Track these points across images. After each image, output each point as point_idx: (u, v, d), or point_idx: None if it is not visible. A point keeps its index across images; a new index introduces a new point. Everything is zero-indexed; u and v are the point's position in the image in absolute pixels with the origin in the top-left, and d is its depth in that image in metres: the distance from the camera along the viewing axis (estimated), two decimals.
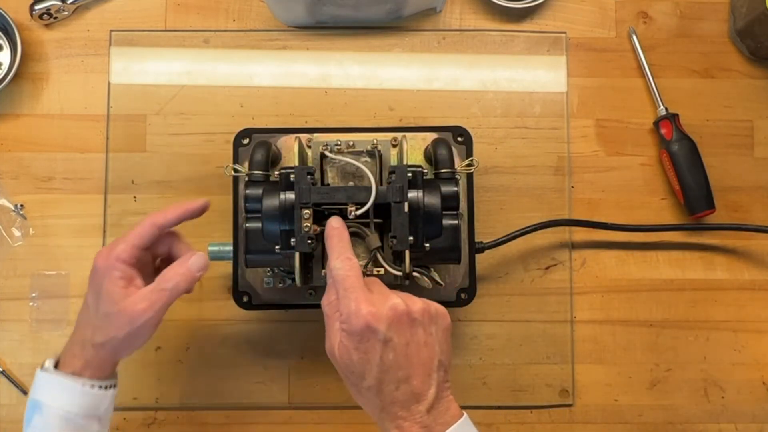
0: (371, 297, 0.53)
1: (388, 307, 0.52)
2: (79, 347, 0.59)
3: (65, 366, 0.59)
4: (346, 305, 0.53)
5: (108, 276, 0.59)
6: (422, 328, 0.53)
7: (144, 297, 0.58)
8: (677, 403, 0.76)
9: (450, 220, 0.63)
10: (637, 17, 0.79)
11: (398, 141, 0.65)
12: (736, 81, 0.79)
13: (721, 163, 0.78)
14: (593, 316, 0.76)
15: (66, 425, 0.58)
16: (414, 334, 0.53)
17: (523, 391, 0.75)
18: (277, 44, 0.78)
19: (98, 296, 0.59)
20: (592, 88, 0.78)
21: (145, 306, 0.58)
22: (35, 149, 0.77)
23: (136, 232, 0.60)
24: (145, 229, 0.61)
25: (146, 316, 0.58)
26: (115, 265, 0.59)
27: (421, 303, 0.54)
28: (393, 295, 0.53)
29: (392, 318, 0.52)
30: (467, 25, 0.79)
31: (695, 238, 0.77)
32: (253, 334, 0.75)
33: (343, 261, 0.55)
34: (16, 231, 0.76)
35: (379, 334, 0.51)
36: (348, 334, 0.52)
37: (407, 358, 0.52)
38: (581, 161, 0.77)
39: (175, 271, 0.60)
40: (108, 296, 0.58)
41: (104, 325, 0.58)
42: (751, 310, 0.77)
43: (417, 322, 0.53)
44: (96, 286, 0.59)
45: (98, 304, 0.59)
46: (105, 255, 0.60)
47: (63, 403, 0.58)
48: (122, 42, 0.78)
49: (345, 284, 0.54)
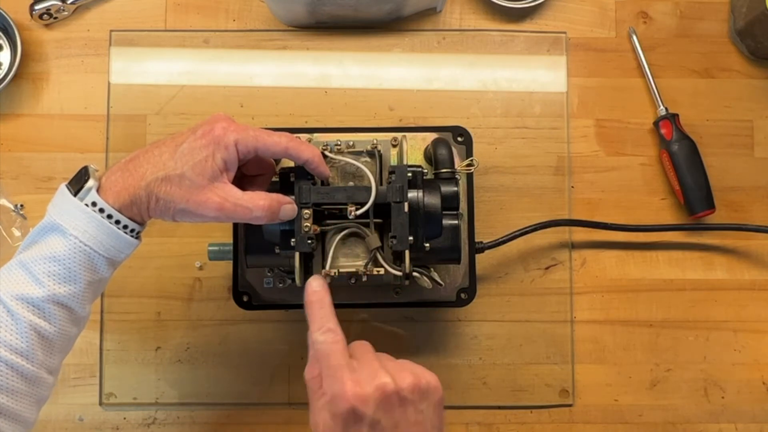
0: (357, 376, 0.50)
1: (375, 387, 0.49)
2: (134, 183, 0.53)
3: (109, 195, 0.53)
4: (330, 385, 0.50)
5: (219, 150, 0.53)
6: (413, 407, 0.50)
7: (225, 197, 0.53)
8: (677, 403, 0.76)
9: (450, 220, 0.63)
10: (637, 17, 0.79)
11: (398, 141, 0.65)
12: (736, 81, 0.79)
13: (721, 163, 0.78)
14: (593, 316, 0.76)
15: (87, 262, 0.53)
16: (404, 414, 0.50)
17: (523, 391, 0.75)
18: (277, 44, 0.78)
19: (193, 156, 0.53)
20: (592, 88, 0.78)
21: (218, 205, 0.53)
22: (35, 149, 0.77)
23: (271, 140, 0.55)
24: (278, 146, 0.55)
25: (211, 214, 0.53)
26: (232, 148, 0.54)
27: (411, 378, 0.50)
28: (381, 372, 0.50)
29: (380, 399, 0.49)
30: (467, 25, 0.79)
31: (695, 238, 0.77)
32: (253, 334, 0.75)
33: (326, 333, 0.52)
34: (16, 231, 0.76)
35: (366, 418, 0.49)
36: (332, 415, 0.49)
37: None
38: (581, 161, 0.77)
39: (268, 203, 0.55)
40: (202, 166, 0.53)
41: (175, 184, 0.53)
42: (751, 310, 0.77)
43: (407, 401, 0.50)
44: (198, 147, 0.53)
45: (186, 163, 0.53)
46: (231, 130, 0.54)
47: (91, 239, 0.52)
48: (122, 42, 0.78)
49: (329, 362, 0.51)
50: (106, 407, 0.74)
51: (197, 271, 0.75)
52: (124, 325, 0.74)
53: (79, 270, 0.53)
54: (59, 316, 0.53)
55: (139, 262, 0.75)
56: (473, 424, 0.75)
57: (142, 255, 0.74)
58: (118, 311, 0.75)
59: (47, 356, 0.53)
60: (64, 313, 0.53)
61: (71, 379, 0.74)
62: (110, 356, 0.74)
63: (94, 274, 0.54)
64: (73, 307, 0.53)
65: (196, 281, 0.75)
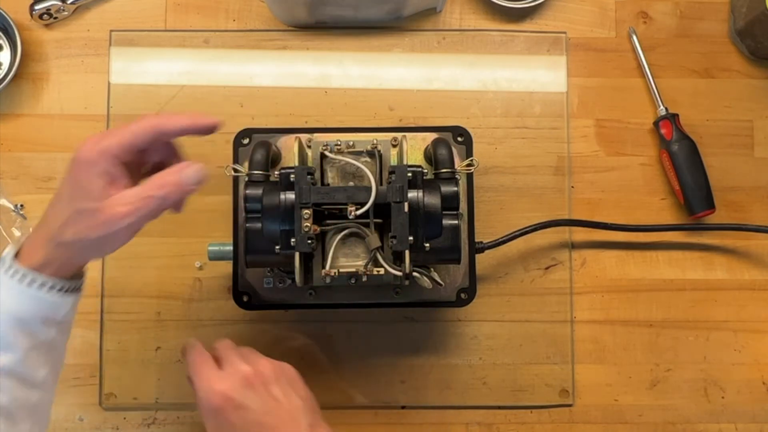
0: (220, 373, 0.56)
1: (237, 375, 0.56)
2: (43, 241, 0.52)
3: (25, 258, 0.52)
4: (199, 386, 0.56)
5: (90, 169, 0.51)
6: (276, 385, 0.56)
7: (127, 200, 0.51)
8: (677, 403, 0.76)
9: (450, 220, 0.63)
10: (637, 17, 0.79)
11: (398, 141, 0.65)
12: (736, 81, 0.79)
13: (721, 163, 0.78)
14: (593, 316, 0.76)
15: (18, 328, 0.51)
16: (268, 392, 0.56)
17: (523, 391, 0.75)
18: (277, 44, 0.78)
19: (75, 189, 0.52)
20: (592, 88, 0.78)
21: (126, 210, 0.51)
22: (35, 149, 0.77)
23: (133, 129, 0.52)
24: (143, 130, 0.53)
25: (126, 221, 0.51)
26: (101, 159, 0.51)
27: (267, 362, 0.58)
28: (239, 362, 0.57)
29: (243, 385, 0.55)
30: (467, 25, 0.79)
31: (695, 238, 0.77)
32: (253, 334, 0.75)
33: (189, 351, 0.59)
34: (16, 231, 0.76)
35: (234, 403, 0.54)
36: (207, 411, 0.55)
37: (269, 415, 0.55)
38: (581, 161, 0.77)
39: (166, 179, 0.52)
40: (86, 191, 0.51)
41: (76, 222, 0.51)
42: (751, 310, 0.77)
43: (269, 381, 0.56)
44: (74, 178, 0.52)
45: (73, 199, 0.51)
46: (91, 145, 0.52)
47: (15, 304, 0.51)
48: (122, 42, 0.78)
49: (194, 367, 0.57)
50: (106, 407, 0.74)
51: (197, 271, 0.75)
52: (124, 325, 0.74)
53: (11, 337, 0.51)
54: (7, 385, 0.51)
55: (139, 262, 0.75)
56: (473, 424, 0.75)
57: (142, 255, 0.75)
58: (118, 311, 0.75)
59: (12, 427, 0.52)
60: (11, 381, 0.52)
61: (71, 379, 0.74)
62: (110, 356, 0.74)
63: (34, 338, 0.52)
64: (21, 373, 0.52)
65: (196, 281, 0.75)
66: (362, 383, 0.75)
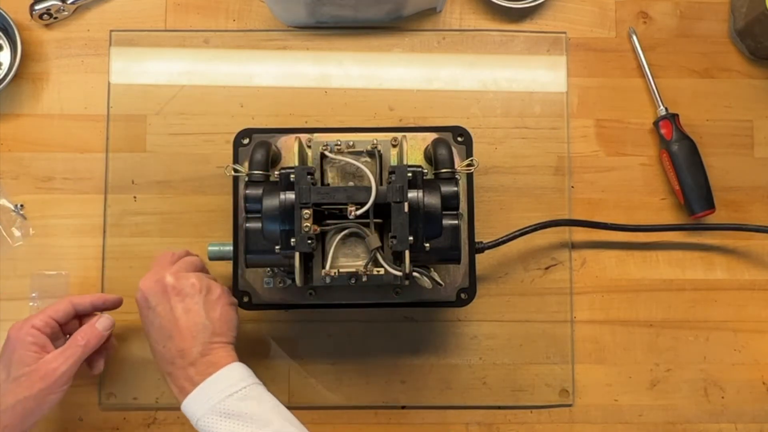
0: (152, 275, 0.64)
1: (155, 281, 0.63)
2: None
3: None
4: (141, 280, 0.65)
5: (21, 342, 0.63)
6: (190, 299, 0.63)
7: (56, 356, 0.64)
8: (677, 403, 0.76)
9: (450, 220, 0.63)
10: (637, 17, 0.79)
11: (398, 141, 0.65)
12: (736, 81, 0.79)
13: (721, 163, 0.78)
14: (593, 316, 0.76)
15: None
16: (180, 302, 0.62)
17: (523, 391, 0.75)
18: (277, 44, 0.78)
19: (10, 364, 0.63)
20: (592, 88, 0.78)
21: (58, 364, 0.63)
22: (35, 149, 0.77)
23: (54, 307, 0.66)
24: (62, 306, 0.67)
25: (60, 371, 0.63)
26: (29, 332, 0.64)
27: (194, 278, 0.64)
28: (166, 273, 0.63)
29: (156, 290, 0.63)
30: (467, 25, 0.79)
31: (695, 238, 0.77)
32: (253, 334, 0.75)
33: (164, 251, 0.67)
34: (16, 231, 0.76)
35: (148, 302, 0.63)
36: (136, 300, 0.65)
37: (171, 322, 0.62)
38: (581, 161, 0.77)
39: (86, 331, 0.66)
40: (21, 361, 0.63)
41: (14, 387, 0.62)
42: (751, 310, 0.77)
43: (184, 294, 0.63)
44: (8, 356, 0.63)
45: (9, 371, 0.63)
46: (19, 326, 0.64)
47: None
48: (122, 42, 0.78)
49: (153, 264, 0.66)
50: (106, 407, 0.74)
51: None
52: (124, 325, 0.74)
53: None
54: None
55: (139, 263, 0.75)
56: (473, 424, 0.75)
57: (142, 255, 0.75)
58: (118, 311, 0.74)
59: None
60: None
61: None
62: (110, 356, 0.74)
63: None
64: None
65: None
66: (362, 383, 0.75)
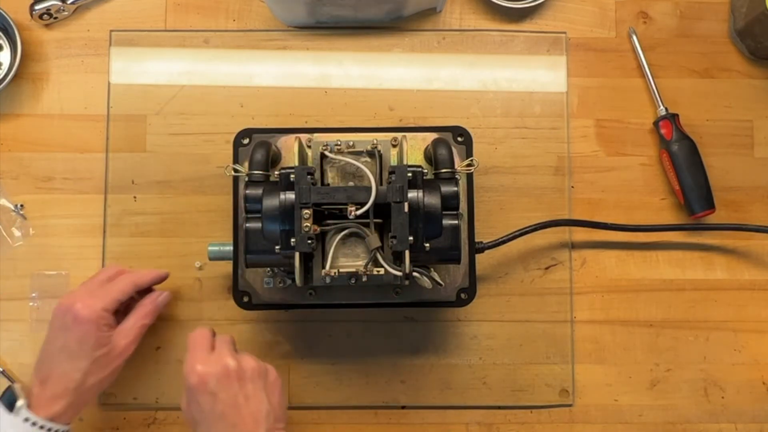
0: (207, 357, 0.62)
1: (219, 366, 0.61)
2: (63, 392, 0.64)
3: (41, 409, 0.63)
4: (186, 362, 0.62)
5: (96, 325, 0.65)
6: (251, 384, 0.62)
7: (127, 333, 0.68)
8: (677, 403, 0.76)
9: (450, 220, 0.63)
10: (637, 17, 0.79)
11: (398, 141, 0.65)
12: (736, 81, 0.79)
13: (721, 163, 0.78)
14: (593, 316, 0.76)
15: None
16: (242, 389, 0.61)
17: (523, 391, 0.75)
18: (277, 44, 0.78)
19: (85, 343, 0.64)
20: (592, 88, 0.78)
21: (129, 340, 0.67)
22: (35, 149, 0.77)
23: (119, 288, 0.68)
24: (128, 287, 0.68)
25: (133, 346, 0.68)
26: (103, 316, 0.65)
27: (252, 361, 0.63)
28: (228, 356, 0.62)
29: (221, 375, 0.61)
30: (467, 25, 0.79)
31: (695, 238, 0.77)
32: (253, 334, 0.75)
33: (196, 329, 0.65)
34: (16, 231, 0.76)
35: (207, 388, 0.60)
36: (186, 388, 0.62)
37: (234, 408, 0.60)
38: (581, 161, 0.77)
39: (148, 308, 0.70)
40: (98, 342, 0.65)
41: (97, 368, 0.65)
42: (751, 310, 0.77)
43: (246, 379, 0.62)
44: (82, 334, 0.65)
45: (86, 350, 0.64)
46: (90, 306, 0.65)
47: None
48: (122, 42, 0.78)
49: (192, 348, 0.63)
50: (106, 407, 0.74)
51: (197, 271, 0.75)
52: None
53: None
54: None
55: (139, 263, 0.75)
56: (473, 424, 0.75)
57: (142, 255, 0.75)
58: None
59: None
60: None
61: None
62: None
63: None
64: None
65: (196, 281, 0.75)
66: (362, 383, 0.75)
